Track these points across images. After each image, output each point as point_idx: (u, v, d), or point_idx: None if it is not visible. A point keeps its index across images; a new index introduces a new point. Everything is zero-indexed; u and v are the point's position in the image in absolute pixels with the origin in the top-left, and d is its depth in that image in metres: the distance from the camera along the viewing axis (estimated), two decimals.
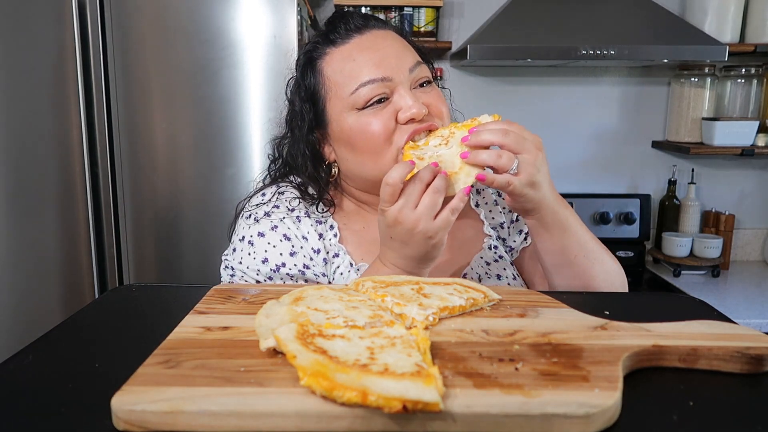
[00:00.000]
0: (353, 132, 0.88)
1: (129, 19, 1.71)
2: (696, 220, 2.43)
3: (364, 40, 0.89)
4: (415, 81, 0.89)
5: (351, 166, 0.92)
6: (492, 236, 0.99)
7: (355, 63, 0.87)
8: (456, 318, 0.58)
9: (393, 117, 0.86)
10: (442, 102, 0.91)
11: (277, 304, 0.57)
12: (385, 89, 0.86)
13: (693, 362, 0.50)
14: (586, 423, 0.40)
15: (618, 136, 2.46)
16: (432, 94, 0.91)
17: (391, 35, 0.92)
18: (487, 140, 0.77)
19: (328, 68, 0.90)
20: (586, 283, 0.85)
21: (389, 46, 0.89)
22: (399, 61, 0.88)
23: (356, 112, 0.87)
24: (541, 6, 2.10)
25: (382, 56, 0.87)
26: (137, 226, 1.81)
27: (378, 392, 0.39)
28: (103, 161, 1.77)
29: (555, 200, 0.81)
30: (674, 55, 2.02)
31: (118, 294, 0.73)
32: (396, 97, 0.87)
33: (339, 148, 0.93)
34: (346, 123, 0.88)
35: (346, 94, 0.87)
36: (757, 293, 2.15)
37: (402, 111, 0.86)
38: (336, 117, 0.90)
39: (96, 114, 1.74)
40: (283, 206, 0.93)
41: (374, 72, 0.86)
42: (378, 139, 0.86)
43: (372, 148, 0.87)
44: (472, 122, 0.83)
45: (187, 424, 0.40)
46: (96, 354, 0.54)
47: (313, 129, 0.93)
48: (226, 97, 1.75)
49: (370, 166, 0.89)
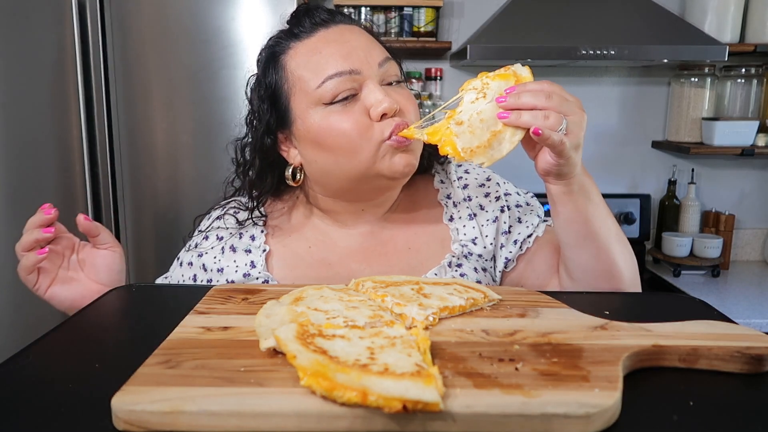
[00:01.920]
0: (321, 130, 0.82)
1: (129, 19, 1.71)
2: (696, 220, 2.43)
3: (330, 33, 0.85)
4: (384, 78, 0.84)
5: (323, 167, 0.86)
6: (456, 254, 0.91)
7: (321, 55, 0.82)
8: (456, 318, 0.58)
9: (365, 113, 0.81)
10: (411, 103, 0.85)
11: (277, 304, 0.58)
12: (353, 83, 0.81)
13: (693, 362, 0.50)
14: (586, 423, 0.40)
15: (618, 136, 2.46)
16: (402, 93, 0.85)
17: (359, 30, 0.87)
18: (530, 103, 0.68)
19: (292, 62, 0.85)
20: (608, 263, 0.80)
21: (356, 39, 0.84)
22: (367, 54, 0.83)
23: (323, 107, 0.82)
24: (541, 6, 2.10)
25: (350, 48, 0.82)
26: (137, 226, 1.82)
27: (378, 392, 0.39)
28: (103, 161, 1.77)
29: (583, 167, 0.77)
30: (674, 55, 2.02)
31: (118, 294, 0.73)
32: (365, 92, 0.81)
33: (305, 149, 0.86)
34: (313, 120, 0.82)
35: (312, 89, 0.82)
36: (757, 293, 2.15)
37: (373, 107, 0.80)
38: (301, 114, 0.84)
39: (96, 114, 1.74)
40: (213, 236, 0.94)
41: (341, 64, 0.81)
42: (351, 138, 0.80)
43: (346, 147, 0.81)
44: (506, 72, 0.72)
45: (187, 424, 0.40)
46: (96, 354, 0.54)
47: (271, 131, 0.88)
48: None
49: (345, 163, 0.83)
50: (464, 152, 0.67)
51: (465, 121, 0.68)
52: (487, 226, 0.93)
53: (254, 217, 0.93)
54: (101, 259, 0.84)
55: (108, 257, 0.84)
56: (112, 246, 0.85)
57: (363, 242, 0.93)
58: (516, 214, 0.95)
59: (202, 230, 0.98)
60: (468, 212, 0.94)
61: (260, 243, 0.92)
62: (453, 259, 0.90)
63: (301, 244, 0.93)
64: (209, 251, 0.93)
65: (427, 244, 0.93)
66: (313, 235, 0.94)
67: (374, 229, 0.94)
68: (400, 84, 0.87)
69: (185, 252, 0.97)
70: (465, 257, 0.91)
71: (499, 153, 0.68)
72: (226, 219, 0.96)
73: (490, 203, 0.95)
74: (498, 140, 0.68)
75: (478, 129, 0.68)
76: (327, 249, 0.92)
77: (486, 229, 0.93)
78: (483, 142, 0.67)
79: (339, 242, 0.93)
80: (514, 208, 0.95)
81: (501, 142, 0.68)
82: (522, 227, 0.94)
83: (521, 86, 0.70)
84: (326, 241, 0.93)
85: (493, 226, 0.93)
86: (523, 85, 0.70)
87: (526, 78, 0.72)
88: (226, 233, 0.94)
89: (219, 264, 0.92)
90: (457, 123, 0.69)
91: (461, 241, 0.92)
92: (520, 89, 0.69)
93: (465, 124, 0.68)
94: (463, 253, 0.91)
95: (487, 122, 0.68)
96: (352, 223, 0.93)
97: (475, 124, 0.68)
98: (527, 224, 0.94)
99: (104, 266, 0.84)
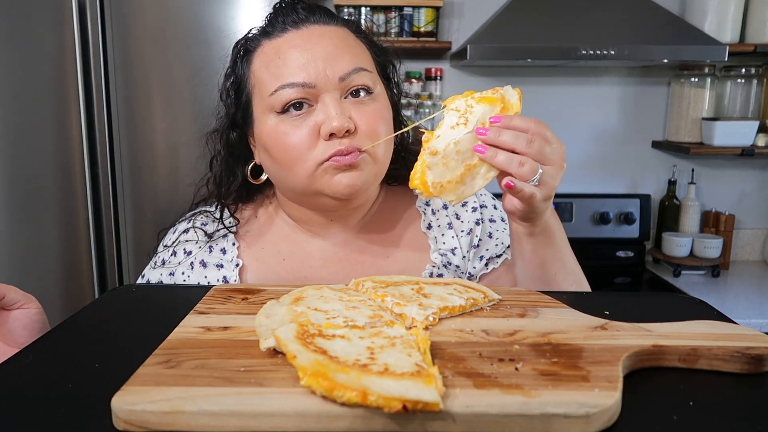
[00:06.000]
0: (269, 138, 0.80)
1: (129, 19, 1.71)
2: (696, 220, 2.43)
3: (297, 37, 0.80)
4: (347, 89, 0.78)
5: (273, 174, 0.85)
6: (437, 264, 0.89)
7: (280, 61, 0.79)
8: (456, 318, 0.58)
9: (315, 130, 0.77)
10: (378, 119, 0.79)
11: (277, 304, 0.58)
12: (306, 95, 0.77)
13: (693, 362, 0.50)
14: (586, 423, 0.40)
15: (618, 136, 2.46)
16: (366, 109, 0.79)
17: (333, 32, 0.81)
18: (509, 144, 0.65)
19: (257, 61, 0.82)
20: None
21: (322, 47, 0.78)
22: (329, 65, 0.77)
23: (276, 115, 0.79)
24: (541, 6, 2.10)
25: (309, 58, 0.77)
26: (137, 226, 1.81)
27: (378, 392, 0.39)
28: (103, 161, 1.77)
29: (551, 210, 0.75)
30: (674, 55, 2.02)
31: (118, 294, 0.73)
32: (319, 107, 0.77)
33: (260, 151, 0.85)
34: (266, 126, 0.80)
35: (266, 95, 0.79)
36: (757, 293, 2.15)
37: (324, 124, 0.76)
38: (258, 117, 0.82)
39: (96, 114, 1.74)
40: (181, 251, 0.90)
41: (296, 75, 0.77)
42: (292, 153, 0.77)
43: (286, 160, 0.79)
44: (494, 95, 0.68)
45: (187, 424, 0.40)
46: (96, 354, 0.54)
47: (236, 125, 0.86)
48: None
49: (284, 176, 0.81)
50: (434, 187, 0.65)
51: (440, 152, 0.65)
52: (463, 238, 0.91)
53: (224, 221, 0.90)
54: (15, 321, 0.70)
55: (23, 317, 0.70)
56: (24, 303, 0.71)
57: (338, 252, 0.89)
58: (488, 228, 0.92)
59: (168, 245, 0.93)
60: (447, 221, 0.92)
61: (232, 257, 0.88)
62: (434, 269, 0.89)
63: (275, 256, 0.90)
64: (178, 267, 0.90)
65: (405, 253, 0.90)
66: (286, 246, 0.90)
67: (349, 237, 0.90)
68: (371, 96, 0.80)
69: (151, 269, 0.92)
70: (445, 267, 0.89)
71: (471, 189, 0.66)
72: (193, 232, 0.92)
73: (466, 213, 0.93)
74: (471, 175, 0.66)
75: (452, 161, 0.65)
76: (301, 260, 0.89)
77: (462, 241, 0.91)
78: (455, 177, 0.65)
79: (313, 253, 0.89)
80: (487, 222, 0.93)
81: (474, 177, 0.66)
82: (491, 244, 0.92)
83: (506, 120, 0.66)
84: (300, 252, 0.90)
85: (467, 239, 0.91)
86: (509, 118, 0.66)
87: (514, 105, 0.68)
88: (194, 247, 0.90)
89: (189, 281, 0.88)
90: (432, 153, 0.65)
91: (440, 251, 0.90)
92: (505, 123, 0.66)
93: (440, 154, 0.65)
94: (443, 263, 0.89)
95: (462, 154, 0.65)
96: (323, 233, 0.90)
97: (450, 156, 0.65)
98: (497, 242, 0.92)
99: (21, 328, 0.70)
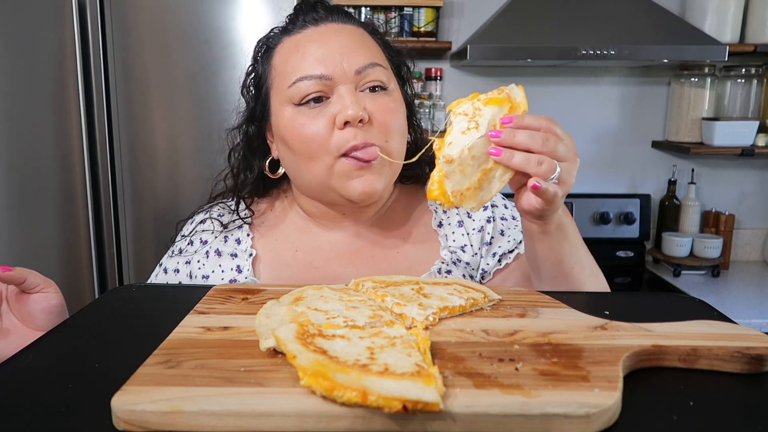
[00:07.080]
0: (287, 129, 0.83)
1: (129, 19, 1.71)
2: (696, 220, 2.43)
3: (316, 33, 0.84)
4: (363, 83, 0.81)
5: (290, 166, 0.87)
6: (446, 260, 0.90)
7: (299, 55, 0.82)
8: (456, 318, 0.58)
9: (331, 120, 0.79)
10: (391, 114, 0.82)
11: (277, 304, 0.58)
12: (323, 87, 0.80)
13: (693, 362, 0.50)
14: (586, 423, 0.40)
15: (618, 136, 2.46)
16: (380, 102, 0.81)
17: (351, 30, 0.85)
18: (525, 144, 0.63)
19: (277, 57, 0.86)
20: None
21: (339, 42, 0.82)
22: (345, 58, 0.80)
23: (293, 107, 0.82)
24: (541, 6, 2.10)
25: (327, 52, 0.81)
26: (137, 226, 1.81)
27: (378, 392, 0.39)
28: (103, 161, 1.77)
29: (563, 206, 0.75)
30: (674, 55, 2.02)
31: (118, 294, 0.73)
32: (334, 98, 0.80)
33: (279, 144, 0.88)
34: (284, 118, 0.83)
35: (284, 87, 0.82)
36: (757, 293, 2.15)
37: (339, 113, 0.78)
38: (275, 110, 0.85)
39: (96, 114, 1.74)
40: (197, 240, 0.93)
41: (314, 68, 0.80)
42: (310, 143, 0.80)
43: (306, 152, 0.81)
44: (500, 95, 0.66)
45: (187, 424, 0.40)
46: (96, 354, 0.54)
47: (255, 119, 0.90)
48: (226, 97, 1.74)
49: (305, 169, 0.84)
50: (453, 196, 0.63)
51: (456, 159, 0.62)
52: (474, 235, 0.93)
53: (240, 213, 0.92)
54: (35, 305, 0.73)
55: (42, 301, 0.73)
56: (43, 287, 0.73)
57: (350, 245, 0.91)
58: (500, 226, 0.94)
59: (185, 235, 0.96)
60: (457, 219, 0.94)
61: (246, 247, 0.91)
62: (443, 265, 0.90)
63: (288, 248, 0.92)
64: (194, 255, 0.92)
65: (415, 249, 0.92)
66: (299, 237, 0.93)
67: (361, 231, 0.92)
68: (386, 91, 0.83)
69: (169, 258, 0.95)
70: (454, 264, 0.91)
71: (489, 194, 0.65)
72: (209, 222, 0.95)
73: (476, 212, 0.94)
74: (488, 179, 0.64)
75: (468, 167, 0.63)
76: (313, 253, 0.91)
77: (472, 238, 0.93)
78: (473, 183, 0.64)
79: (325, 246, 0.92)
80: (498, 221, 0.94)
81: (491, 181, 0.64)
82: (504, 241, 0.93)
83: (518, 119, 0.64)
84: (312, 244, 0.92)
85: (478, 236, 0.93)
86: (520, 117, 0.65)
87: (521, 103, 0.67)
88: (210, 236, 0.93)
89: (204, 270, 0.91)
90: (447, 161, 0.62)
91: (450, 248, 0.92)
92: (517, 123, 0.64)
93: (455, 162, 0.62)
94: (453, 260, 0.91)
95: (478, 159, 0.63)
96: (335, 227, 0.92)
97: (465, 162, 0.63)
98: (509, 239, 0.93)
99: (40, 311, 0.73)
